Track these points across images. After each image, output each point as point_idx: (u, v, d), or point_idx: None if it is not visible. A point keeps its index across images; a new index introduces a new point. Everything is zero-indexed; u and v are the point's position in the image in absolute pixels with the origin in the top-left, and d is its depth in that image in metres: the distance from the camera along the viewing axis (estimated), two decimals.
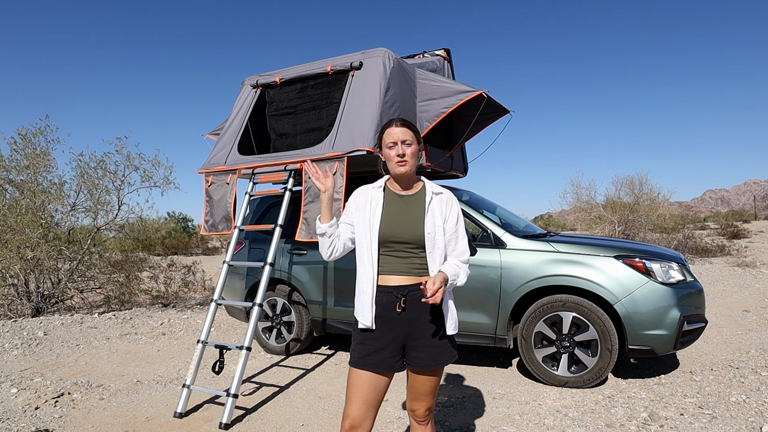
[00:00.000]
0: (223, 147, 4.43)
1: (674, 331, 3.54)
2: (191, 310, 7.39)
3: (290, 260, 4.81)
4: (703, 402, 3.34)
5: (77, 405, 3.63)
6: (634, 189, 14.92)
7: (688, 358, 4.33)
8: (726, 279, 8.84)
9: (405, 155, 1.88)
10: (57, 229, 7.60)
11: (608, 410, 3.26)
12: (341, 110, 3.94)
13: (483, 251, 3.98)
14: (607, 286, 3.61)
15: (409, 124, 1.92)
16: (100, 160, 7.59)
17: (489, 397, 3.60)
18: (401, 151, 1.87)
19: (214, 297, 3.78)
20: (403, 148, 1.88)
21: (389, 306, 1.87)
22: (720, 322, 5.66)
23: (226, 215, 4.19)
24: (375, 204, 1.93)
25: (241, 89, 4.70)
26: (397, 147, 1.88)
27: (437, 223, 1.89)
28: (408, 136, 1.89)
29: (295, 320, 4.82)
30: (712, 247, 13.23)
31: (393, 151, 1.89)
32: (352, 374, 1.87)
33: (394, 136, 1.88)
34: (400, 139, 1.88)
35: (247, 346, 3.41)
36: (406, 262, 1.88)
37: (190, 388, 3.46)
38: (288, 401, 3.65)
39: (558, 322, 3.74)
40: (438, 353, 1.88)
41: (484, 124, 4.85)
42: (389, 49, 4.06)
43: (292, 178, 4.00)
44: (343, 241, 1.99)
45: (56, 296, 7.32)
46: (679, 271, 3.78)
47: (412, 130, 1.91)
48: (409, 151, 1.88)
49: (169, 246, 21.65)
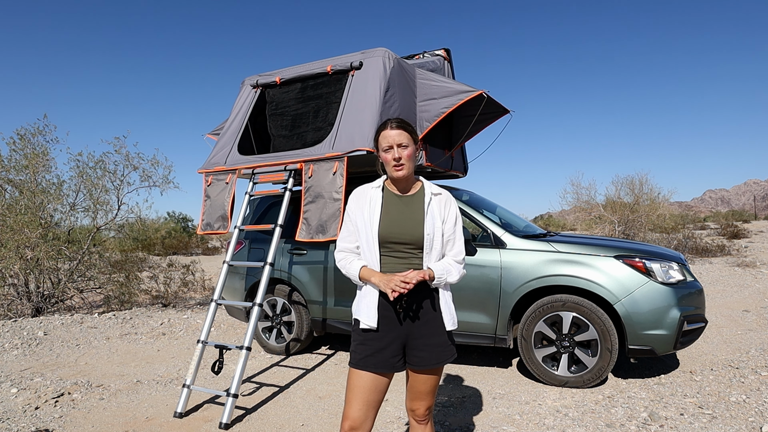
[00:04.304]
0: (223, 147, 4.43)
1: (674, 331, 3.54)
2: (191, 310, 7.39)
3: (290, 260, 4.81)
4: (703, 402, 3.34)
5: (77, 405, 3.63)
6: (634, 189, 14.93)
7: (688, 358, 4.33)
8: (726, 279, 8.85)
9: (401, 158, 1.85)
10: (56, 229, 7.60)
11: (608, 410, 3.27)
12: (341, 110, 3.94)
13: (483, 251, 3.99)
14: (607, 286, 3.62)
15: (404, 125, 1.88)
16: (99, 159, 7.59)
17: (489, 397, 3.61)
18: (397, 155, 1.85)
19: (214, 297, 3.78)
20: (399, 151, 1.85)
21: (390, 306, 1.88)
22: (720, 322, 5.66)
23: (222, 214, 4.19)
24: (374, 204, 1.92)
25: (241, 89, 4.70)
26: (393, 151, 1.86)
27: (437, 224, 1.89)
28: (403, 138, 1.86)
29: (295, 320, 4.82)
30: (712, 247, 13.24)
31: (389, 155, 1.87)
32: (352, 375, 1.87)
33: (389, 139, 1.86)
34: (395, 142, 1.85)
35: (247, 346, 3.42)
36: (404, 262, 1.88)
37: (190, 388, 3.46)
38: (288, 401, 3.65)
39: (558, 322, 3.74)
40: (438, 352, 1.88)
41: (484, 124, 4.86)
42: (389, 49, 4.06)
43: (292, 178, 4.00)
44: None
45: (56, 296, 7.32)
46: (679, 271, 3.78)
47: (408, 131, 1.88)
48: (405, 154, 1.86)
49: (169, 246, 21.65)
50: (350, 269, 1.91)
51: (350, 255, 1.97)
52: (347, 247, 1.97)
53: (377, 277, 1.83)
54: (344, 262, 1.95)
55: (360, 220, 1.93)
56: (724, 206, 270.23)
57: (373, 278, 1.84)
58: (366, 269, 1.89)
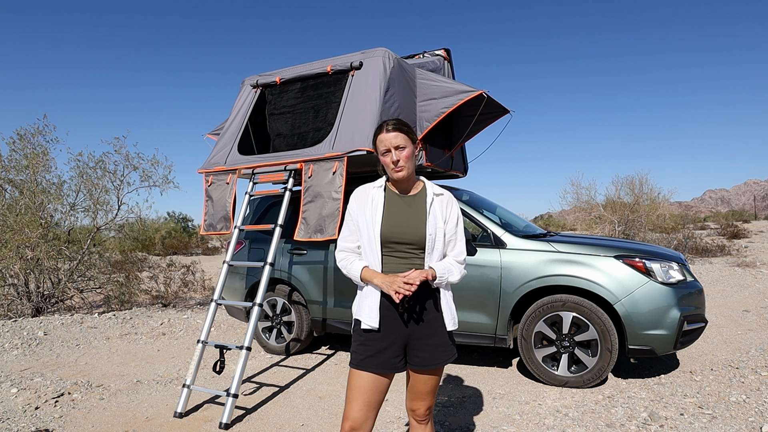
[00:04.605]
0: (223, 147, 4.43)
1: (674, 331, 3.54)
2: (191, 310, 7.39)
3: (290, 260, 4.81)
4: (703, 402, 3.34)
5: (77, 405, 3.63)
6: (634, 189, 14.93)
7: (688, 358, 4.33)
8: (726, 279, 8.85)
9: (400, 161, 1.86)
10: (57, 228, 7.61)
11: (608, 410, 3.27)
12: (341, 110, 3.94)
13: (483, 251, 3.99)
14: (607, 286, 3.62)
15: (400, 126, 1.88)
16: (99, 159, 7.59)
17: (489, 397, 3.61)
18: (396, 158, 1.85)
19: (214, 297, 3.78)
20: (397, 154, 1.85)
21: (391, 306, 1.88)
22: (720, 322, 5.66)
23: (225, 215, 4.20)
24: (376, 204, 1.92)
25: (241, 89, 4.70)
26: (391, 154, 1.86)
27: (438, 225, 1.89)
28: (400, 140, 1.86)
29: (295, 320, 4.82)
30: (712, 247, 13.23)
31: (387, 158, 1.87)
32: (353, 375, 1.87)
33: (386, 143, 1.86)
34: (392, 145, 1.85)
35: (247, 346, 3.42)
36: (406, 262, 1.88)
37: (190, 388, 3.46)
38: (288, 401, 3.65)
39: (558, 322, 3.75)
40: (439, 352, 1.89)
41: (484, 124, 4.86)
42: (389, 49, 4.07)
43: (292, 177, 4.00)
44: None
45: (56, 296, 7.32)
46: (679, 271, 3.78)
47: (405, 132, 1.88)
48: (403, 156, 1.86)
49: (169, 246, 21.65)
50: (351, 270, 1.91)
51: (351, 255, 1.96)
52: (348, 247, 1.97)
53: (380, 279, 1.83)
54: (345, 263, 1.94)
55: (362, 220, 1.93)
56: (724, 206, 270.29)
57: (376, 279, 1.84)
58: (368, 270, 1.88)
